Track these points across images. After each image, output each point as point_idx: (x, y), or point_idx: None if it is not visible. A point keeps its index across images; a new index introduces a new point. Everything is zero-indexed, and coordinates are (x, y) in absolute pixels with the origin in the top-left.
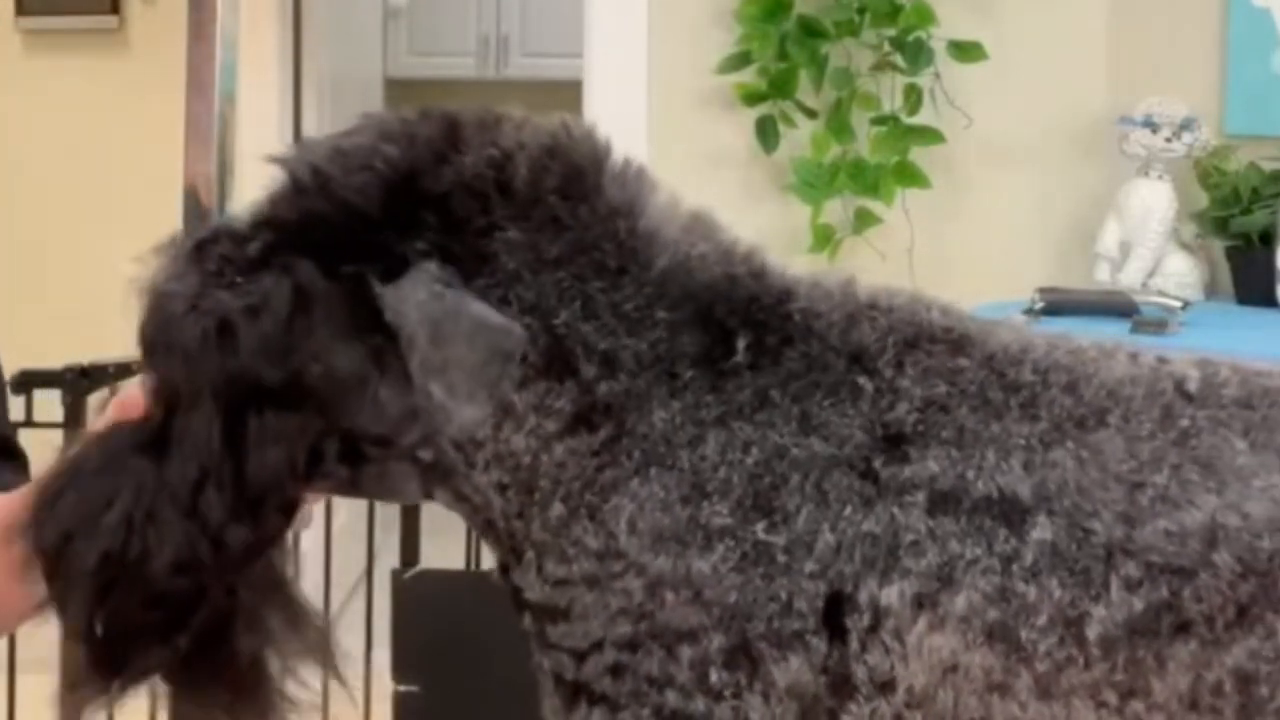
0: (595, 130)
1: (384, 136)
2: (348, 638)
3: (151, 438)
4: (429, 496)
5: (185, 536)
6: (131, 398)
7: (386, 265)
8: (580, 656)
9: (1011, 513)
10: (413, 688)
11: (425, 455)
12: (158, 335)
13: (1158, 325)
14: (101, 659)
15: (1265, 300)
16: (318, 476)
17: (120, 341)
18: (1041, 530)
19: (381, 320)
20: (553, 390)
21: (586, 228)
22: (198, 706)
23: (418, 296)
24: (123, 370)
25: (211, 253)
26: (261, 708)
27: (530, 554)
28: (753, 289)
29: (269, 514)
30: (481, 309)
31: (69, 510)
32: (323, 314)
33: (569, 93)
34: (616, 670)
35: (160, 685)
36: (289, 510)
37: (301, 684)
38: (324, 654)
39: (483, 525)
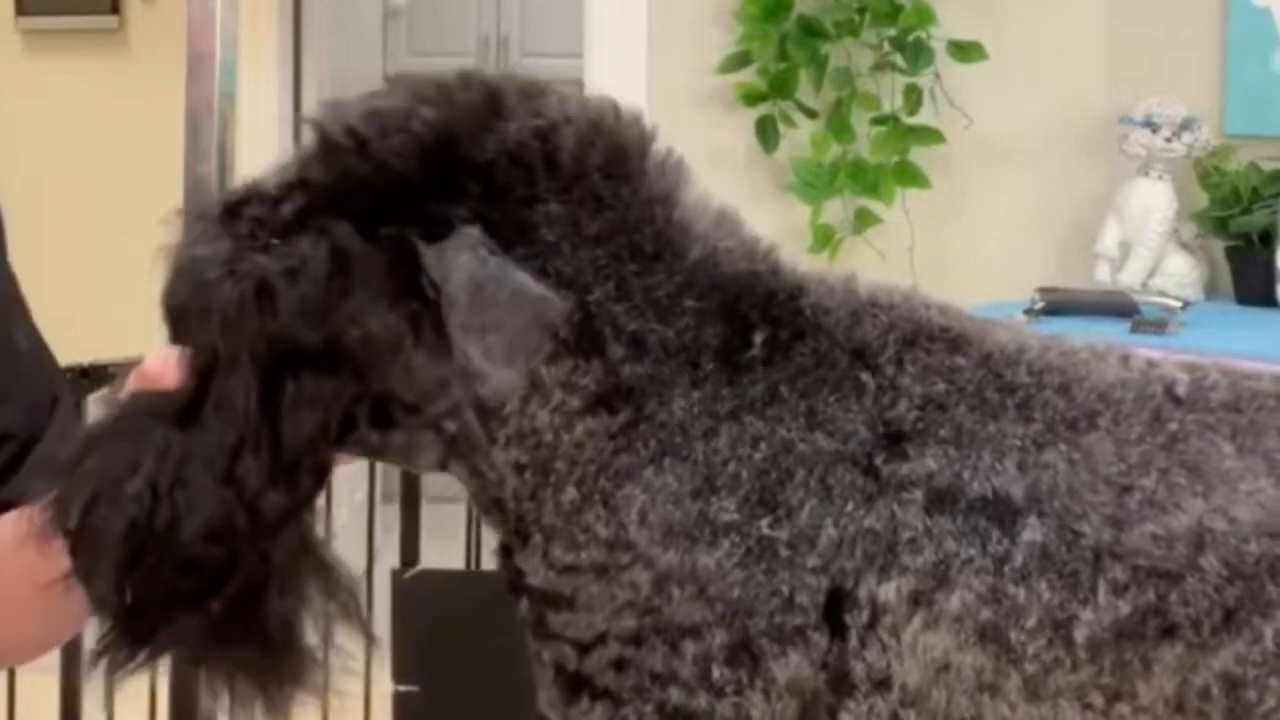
0: (641, 116)
1: (420, 99)
2: (348, 637)
3: (180, 406)
4: (443, 468)
5: (220, 503)
6: (151, 368)
7: (428, 228)
8: (583, 648)
9: (1004, 513)
10: (413, 688)
11: (450, 426)
12: (192, 300)
13: (1158, 325)
14: (131, 628)
15: (1265, 300)
16: (349, 441)
17: (120, 342)
18: (1032, 532)
19: (418, 285)
20: (579, 368)
21: (627, 209)
22: (226, 673)
23: (461, 259)
24: (123, 370)
25: (243, 215)
26: (293, 671)
27: (538, 537)
28: (770, 284)
29: (303, 478)
30: (524, 277)
31: (89, 479)
32: (360, 277)
33: None
34: (620, 664)
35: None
36: (322, 474)
37: (338, 648)
38: (356, 615)
39: (489, 504)
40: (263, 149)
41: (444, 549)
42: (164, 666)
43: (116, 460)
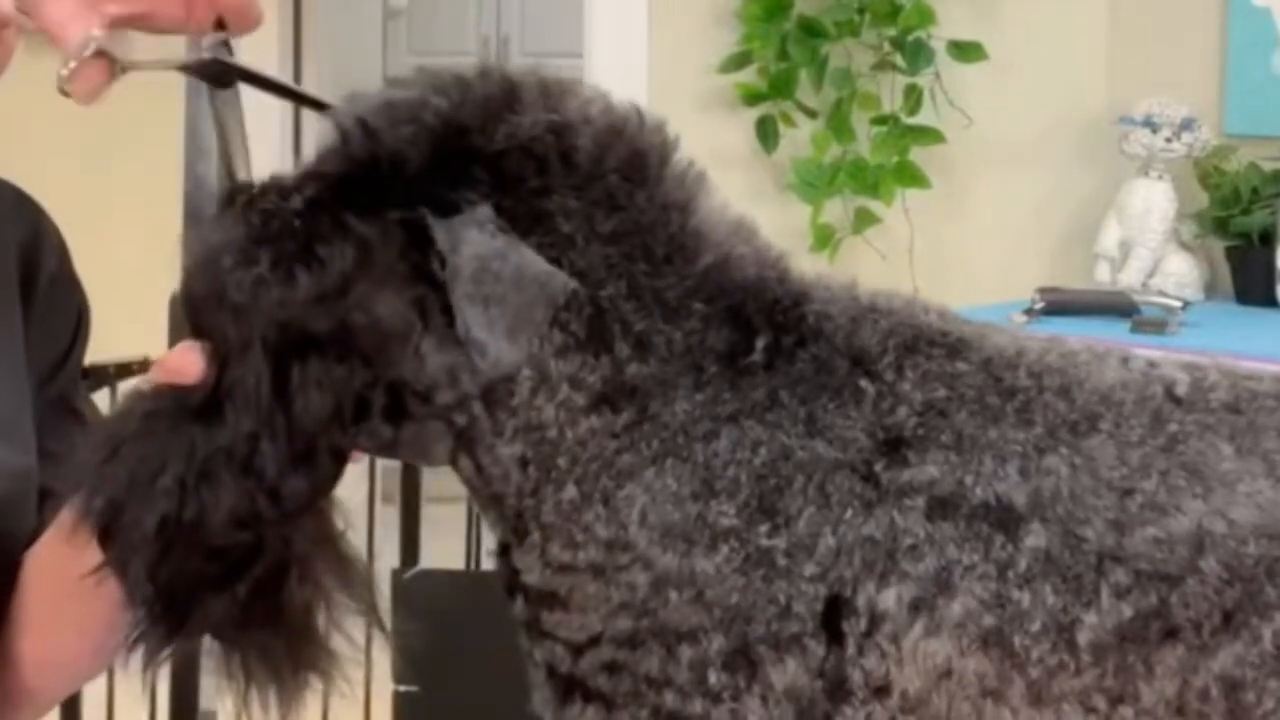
0: (665, 125)
1: (436, 90)
2: (357, 631)
3: (202, 401)
4: (454, 463)
5: (243, 494)
6: (173, 361)
7: (439, 209)
8: (576, 649)
9: (1007, 519)
10: (413, 688)
11: (459, 419)
12: (207, 291)
13: (1158, 325)
14: (162, 614)
15: (1265, 300)
16: (364, 433)
17: (120, 341)
18: (1035, 537)
19: (428, 270)
20: (588, 364)
21: (641, 212)
22: (247, 657)
23: (469, 233)
24: (123, 370)
25: (257, 206)
26: (309, 658)
27: (536, 535)
28: (776, 291)
29: (321, 462)
30: (531, 255)
31: (119, 479)
32: (369, 262)
33: None
34: (614, 667)
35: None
36: (340, 460)
37: (348, 639)
38: (370, 610)
39: (489, 500)
40: (263, 149)
41: (444, 549)
42: (164, 667)
43: (145, 460)
